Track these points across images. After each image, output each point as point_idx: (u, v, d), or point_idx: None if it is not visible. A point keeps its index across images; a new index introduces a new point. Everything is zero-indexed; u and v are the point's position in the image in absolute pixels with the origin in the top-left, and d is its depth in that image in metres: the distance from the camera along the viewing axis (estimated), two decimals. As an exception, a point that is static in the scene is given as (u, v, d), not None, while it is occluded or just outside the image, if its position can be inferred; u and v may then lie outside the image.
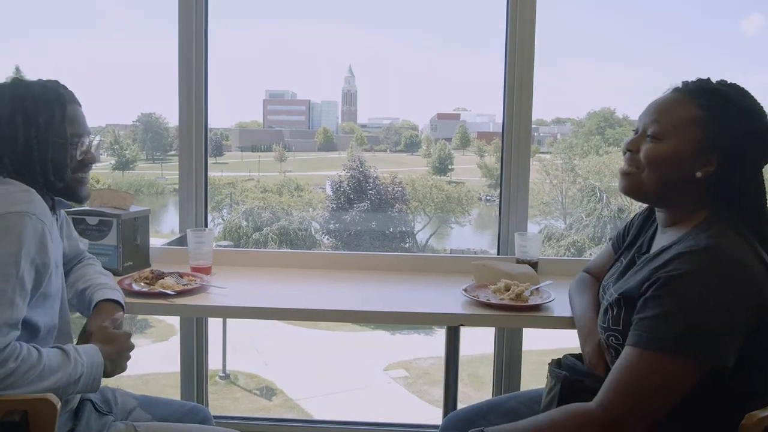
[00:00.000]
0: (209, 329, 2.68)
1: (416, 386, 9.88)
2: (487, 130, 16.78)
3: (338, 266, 2.45)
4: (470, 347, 2.04)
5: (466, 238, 15.15)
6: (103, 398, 1.62)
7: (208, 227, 2.57)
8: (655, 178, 1.36)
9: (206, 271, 2.18)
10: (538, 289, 1.94)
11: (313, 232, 13.71)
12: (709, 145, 1.30)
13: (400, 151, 17.08)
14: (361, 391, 9.85)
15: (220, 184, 14.33)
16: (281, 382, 9.95)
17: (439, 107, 17.98)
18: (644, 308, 1.23)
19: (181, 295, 1.91)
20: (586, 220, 12.27)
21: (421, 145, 17.18)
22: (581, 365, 1.49)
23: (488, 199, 15.30)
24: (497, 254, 2.57)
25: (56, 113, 1.46)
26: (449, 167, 16.12)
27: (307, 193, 14.70)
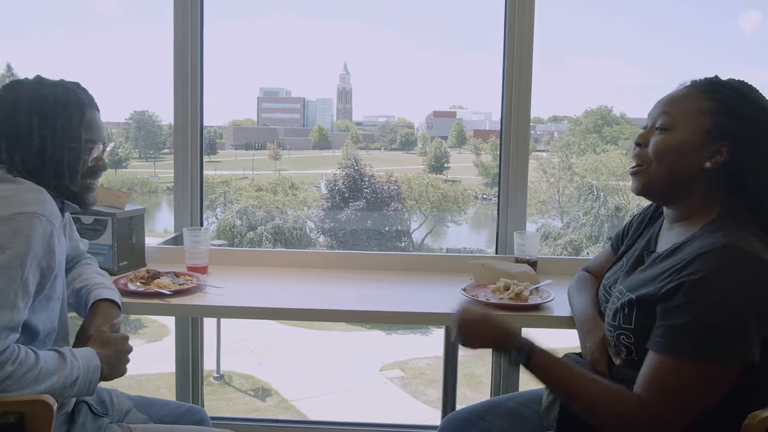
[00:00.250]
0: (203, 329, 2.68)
1: (412, 386, 9.88)
2: (483, 128, 16.81)
3: (335, 265, 2.45)
4: (466, 347, 2.06)
5: (462, 237, 15.17)
6: (98, 400, 1.61)
7: (203, 226, 2.56)
8: (662, 170, 1.36)
9: (202, 270, 2.18)
10: (537, 288, 1.95)
11: (308, 231, 13.71)
12: (719, 134, 1.30)
13: (395, 149, 17.10)
14: (356, 391, 9.84)
15: (213, 182, 14.33)
16: (276, 382, 9.94)
17: (435, 105, 18.01)
18: (672, 315, 1.22)
19: (177, 294, 1.91)
20: (583, 218, 12.29)
21: (417, 143, 17.20)
22: (583, 363, 1.49)
23: (485, 197, 15.32)
24: (495, 253, 2.57)
25: (74, 117, 1.47)
26: (445, 165, 16.14)
27: (301, 191, 14.70)
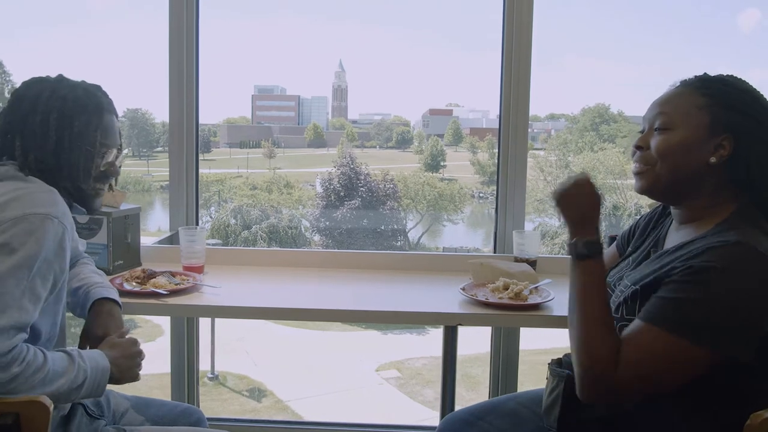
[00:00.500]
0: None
1: (409, 387, 9.90)
2: (480, 126, 16.83)
3: (332, 265, 2.45)
4: (463, 347, 2.07)
5: (458, 236, 15.18)
6: (94, 402, 1.61)
7: (199, 225, 2.56)
8: (668, 169, 1.37)
9: (199, 270, 2.17)
10: (537, 287, 1.95)
11: (303, 230, 13.71)
12: (718, 127, 1.32)
13: (391, 147, 17.11)
14: (352, 392, 9.85)
15: (208, 181, 14.32)
16: (271, 383, 9.95)
17: (431, 103, 18.03)
18: (667, 289, 1.24)
19: (173, 294, 1.90)
20: (580, 217, 12.27)
21: (412, 141, 17.22)
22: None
23: (481, 196, 15.34)
24: (494, 252, 2.57)
25: (92, 120, 1.47)
26: (441, 164, 16.16)
27: (296, 190, 14.70)
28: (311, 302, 1.97)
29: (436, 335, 10.90)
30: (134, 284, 1.94)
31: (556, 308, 1.83)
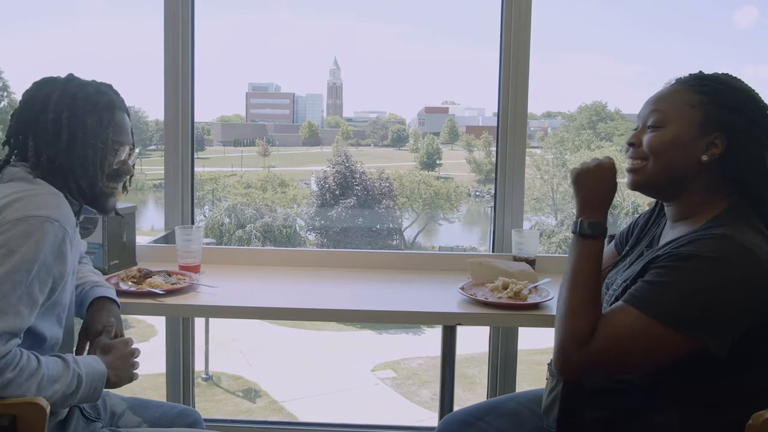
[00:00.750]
0: (191, 329, 2.67)
1: (404, 387, 9.90)
2: (476, 124, 16.84)
3: (329, 264, 2.45)
4: (459, 347, 2.07)
5: (454, 235, 15.19)
6: (91, 404, 1.61)
7: (196, 224, 2.56)
8: (660, 165, 1.38)
9: (195, 269, 2.17)
10: (536, 287, 1.95)
11: (297, 229, 13.69)
12: (711, 125, 1.33)
13: (387, 145, 17.10)
14: (348, 392, 9.85)
15: (201, 179, 14.29)
16: (265, 383, 9.94)
17: (426, 101, 18.02)
18: (650, 273, 1.27)
19: (170, 294, 1.90)
20: (577, 216, 12.30)
21: (408, 139, 17.21)
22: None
23: (477, 194, 15.35)
24: (492, 251, 2.58)
25: (104, 118, 1.48)
26: (437, 162, 16.16)
27: (291, 189, 14.68)
28: (310, 302, 1.97)
29: (432, 335, 10.90)
30: (130, 284, 1.94)
31: (555, 308, 1.83)
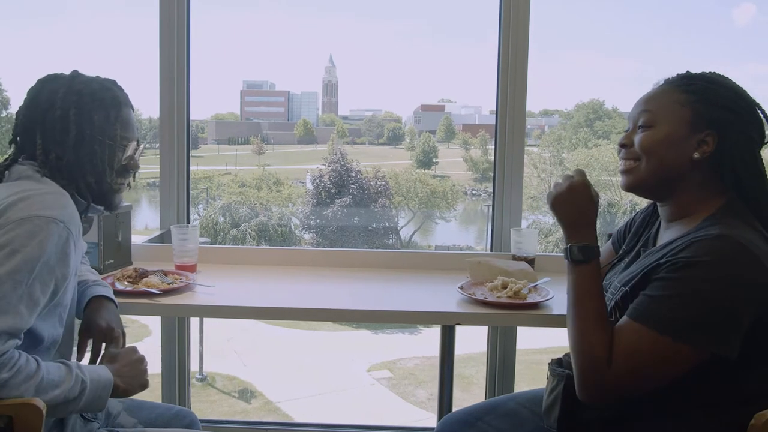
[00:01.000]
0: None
1: (401, 387, 9.90)
2: (472, 122, 16.83)
3: (326, 263, 2.45)
4: (455, 347, 2.09)
5: (451, 234, 15.19)
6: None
7: (192, 223, 2.55)
8: (653, 165, 1.39)
9: (191, 269, 2.17)
10: (536, 286, 1.96)
11: (293, 228, 13.68)
12: (701, 123, 1.35)
13: (382, 143, 17.08)
14: (343, 392, 9.85)
15: (195, 178, 14.24)
16: (260, 384, 9.93)
17: (423, 98, 18.01)
18: (653, 286, 1.27)
19: (166, 294, 1.90)
20: (574, 215, 12.31)
21: (404, 137, 17.19)
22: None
23: (474, 193, 15.35)
24: (490, 250, 2.58)
25: (111, 113, 1.49)
26: (434, 160, 16.14)
27: (286, 187, 14.65)
28: (308, 301, 1.97)
29: (428, 335, 10.91)
30: (126, 284, 1.94)
31: (555, 307, 1.84)
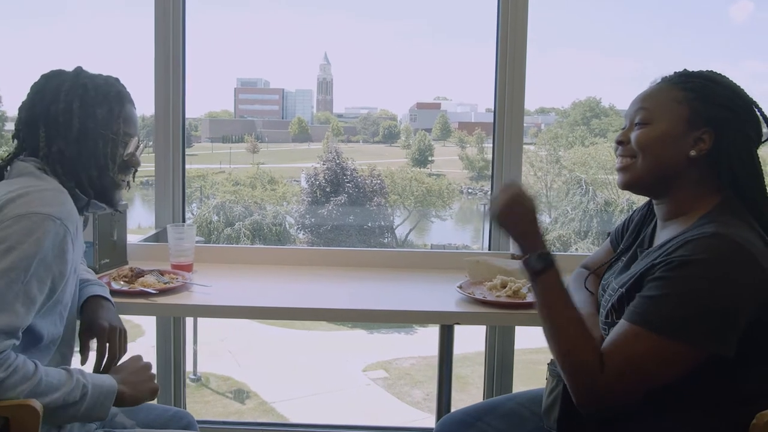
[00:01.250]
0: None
1: (396, 387, 9.90)
2: (468, 120, 16.82)
3: (323, 262, 2.46)
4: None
5: (447, 232, 15.19)
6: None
7: (187, 222, 2.55)
8: (649, 162, 1.40)
9: (188, 268, 2.16)
10: (535, 285, 1.96)
11: (287, 227, 13.66)
12: (698, 121, 1.36)
13: (378, 142, 17.05)
14: (339, 393, 9.85)
15: (189, 176, 14.19)
16: (255, 384, 9.92)
17: (418, 96, 17.99)
18: (649, 287, 1.27)
19: (162, 293, 1.90)
20: (571, 213, 12.36)
21: (400, 135, 17.16)
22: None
23: (470, 191, 15.35)
24: (488, 249, 2.58)
25: (114, 108, 1.51)
26: (429, 159, 16.13)
27: (281, 186, 14.62)
28: (306, 301, 1.97)
29: (424, 334, 10.91)
30: (122, 283, 1.94)
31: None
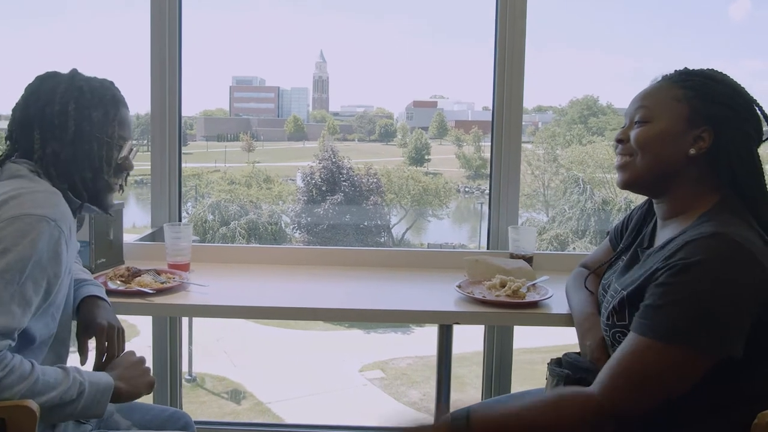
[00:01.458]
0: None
1: (393, 388, 9.90)
2: (465, 118, 16.82)
3: (320, 262, 2.45)
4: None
5: (444, 232, 15.19)
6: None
7: (183, 221, 2.55)
8: (648, 160, 1.40)
9: (185, 268, 2.16)
10: (534, 284, 1.96)
11: (283, 226, 13.64)
12: (698, 119, 1.36)
13: (374, 140, 17.04)
14: (335, 393, 9.84)
15: (184, 175, 14.14)
16: (251, 384, 9.91)
17: (415, 94, 17.94)
18: (651, 296, 1.26)
19: (159, 293, 1.90)
20: (569, 212, 12.36)
21: (396, 134, 17.15)
22: (582, 362, 1.50)
23: (467, 190, 15.36)
24: (487, 248, 2.58)
25: (109, 111, 1.52)
26: (426, 157, 16.13)
27: (276, 185, 14.60)
28: (304, 301, 1.97)
29: (420, 334, 10.91)
30: (119, 283, 1.93)
31: (554, 306, 1.85)
